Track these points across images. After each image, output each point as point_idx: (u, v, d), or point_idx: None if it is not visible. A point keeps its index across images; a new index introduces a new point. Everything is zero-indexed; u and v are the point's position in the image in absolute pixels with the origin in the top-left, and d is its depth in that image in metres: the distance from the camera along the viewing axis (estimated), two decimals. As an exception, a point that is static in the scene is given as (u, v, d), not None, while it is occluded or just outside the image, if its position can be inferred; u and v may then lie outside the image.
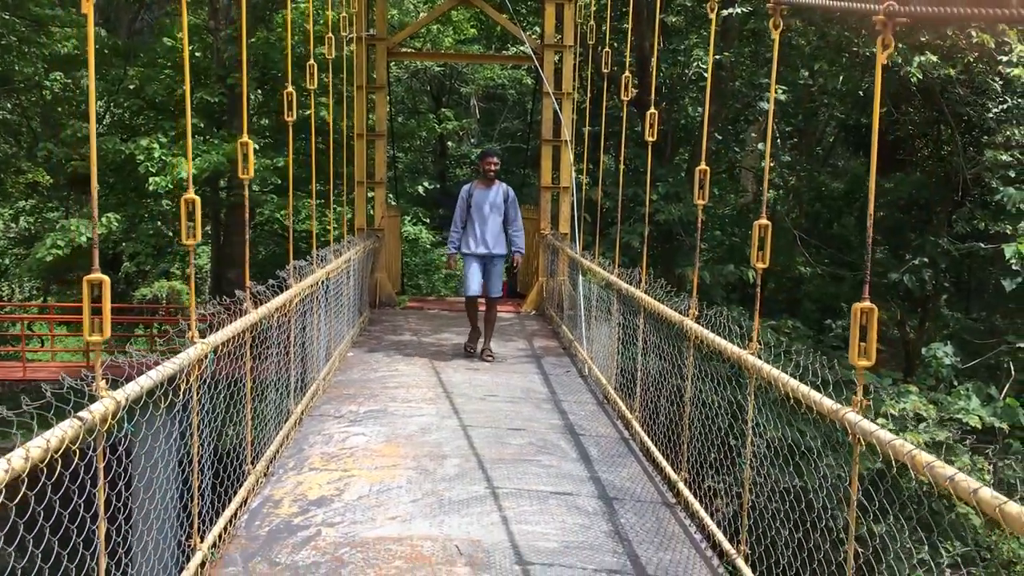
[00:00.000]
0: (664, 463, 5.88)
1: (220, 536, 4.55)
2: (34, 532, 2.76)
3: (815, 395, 3.43)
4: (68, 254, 19.70)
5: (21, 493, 2.52)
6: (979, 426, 11.70)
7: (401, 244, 17.01)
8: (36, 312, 25.16)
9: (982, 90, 14.22)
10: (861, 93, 15.33)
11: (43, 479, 2.61)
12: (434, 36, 24.47)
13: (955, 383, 13.96)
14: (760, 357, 4.27)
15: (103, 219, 19.49)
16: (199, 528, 4.22)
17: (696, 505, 5.14)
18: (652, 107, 7.07)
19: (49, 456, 2.49)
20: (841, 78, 14.92)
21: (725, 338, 4.77)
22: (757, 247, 4.19)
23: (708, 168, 5.28)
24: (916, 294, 16.35)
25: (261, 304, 5.41)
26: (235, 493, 5.00)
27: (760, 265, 4.18)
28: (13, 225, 31.01)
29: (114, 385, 3.15)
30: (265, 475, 5.63)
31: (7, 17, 19.56)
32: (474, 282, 9.54)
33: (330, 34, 8.59)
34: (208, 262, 26.61)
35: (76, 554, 2.98)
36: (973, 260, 15.53)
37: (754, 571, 4.30)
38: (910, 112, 16.66)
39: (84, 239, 19.09)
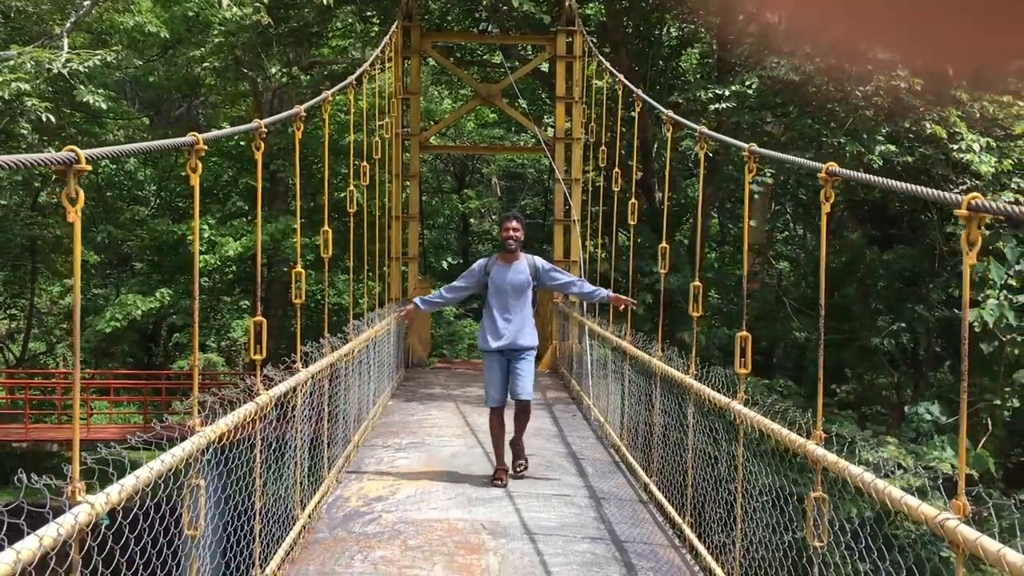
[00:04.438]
0: (640, 470, 7.58)
1: (311, 515, 6.27)
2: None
3: (713, 393, 5.17)
4: (125, 326, 21.66)
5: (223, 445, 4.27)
6: (950, 472, 13.23)
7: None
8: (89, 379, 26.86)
9: (962, 168, 15.89)
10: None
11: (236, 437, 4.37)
12: (458, 122, 26.66)
13: (933, 437, 15.41)
14: (698, 380, 6.01)
15: (156, 294, 21.44)
16: (301, 502, 5.96)
17: (659, 495, 6.83)
18: (634, 198, 8.92)
19: (248, 419, 4.26)
20: (847, 156, 16.66)
21: (678, 370, 6.52)
22: (693, 300, 5.96)
23: (668, 246, 7.10)
24: (898, 358, 17.98)
25: (335, 350, 7.23)
26: (316, 490, 6.74)
27: (695, 314, 5.96)
28: (60, 301, 33.17)
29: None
30: (336, 482, 7.36)
31: (67, 112, 21.59)
32: (494, 388, 7.42)
33: (377, 138, 10.55)
34: (243, 335, 28.54)
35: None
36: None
37: (693, 531, 5.97)
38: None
39: (139, 312, 21.06)
